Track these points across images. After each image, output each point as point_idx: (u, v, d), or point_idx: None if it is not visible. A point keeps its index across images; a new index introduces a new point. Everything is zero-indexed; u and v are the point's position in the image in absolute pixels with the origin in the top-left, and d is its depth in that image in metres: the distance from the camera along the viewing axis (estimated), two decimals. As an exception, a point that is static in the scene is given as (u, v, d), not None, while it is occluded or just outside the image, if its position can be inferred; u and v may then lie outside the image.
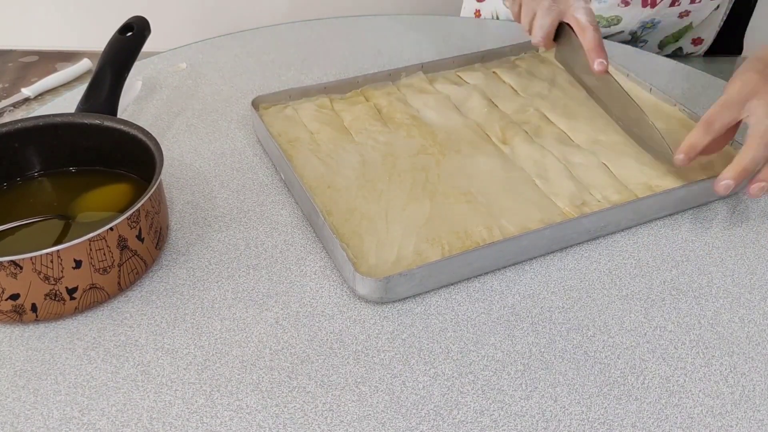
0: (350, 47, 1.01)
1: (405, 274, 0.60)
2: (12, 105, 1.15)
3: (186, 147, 0.81)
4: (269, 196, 0.74)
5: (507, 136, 0.79)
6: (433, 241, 0.65)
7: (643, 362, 0.58)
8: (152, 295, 0.63)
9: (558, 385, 0.56)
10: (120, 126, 0.67)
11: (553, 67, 0.93)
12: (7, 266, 0.55)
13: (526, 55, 0.95)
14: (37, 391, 0.55)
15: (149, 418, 0.53)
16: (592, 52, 0.75)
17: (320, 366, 0.57)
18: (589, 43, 0.76)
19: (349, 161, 0.75)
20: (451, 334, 0.60)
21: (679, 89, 0.93)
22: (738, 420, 0.54)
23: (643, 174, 0.74)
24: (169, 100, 0.89)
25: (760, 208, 0.74)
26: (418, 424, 0.53)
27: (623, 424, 0.53)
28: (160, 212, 0.64)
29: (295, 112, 0.82)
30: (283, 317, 0.61)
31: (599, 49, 0.75)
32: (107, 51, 0.76)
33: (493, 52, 0.94)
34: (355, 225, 0.67)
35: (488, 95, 0.86)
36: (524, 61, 0.94)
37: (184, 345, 0.58)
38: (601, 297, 0.64)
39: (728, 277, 0.66)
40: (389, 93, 0.86)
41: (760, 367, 0.58)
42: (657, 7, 1.06)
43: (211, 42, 1.02)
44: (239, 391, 0.55)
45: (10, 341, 0.59)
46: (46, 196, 0.69)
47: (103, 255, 0.58)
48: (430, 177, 0.73)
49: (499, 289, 0.64)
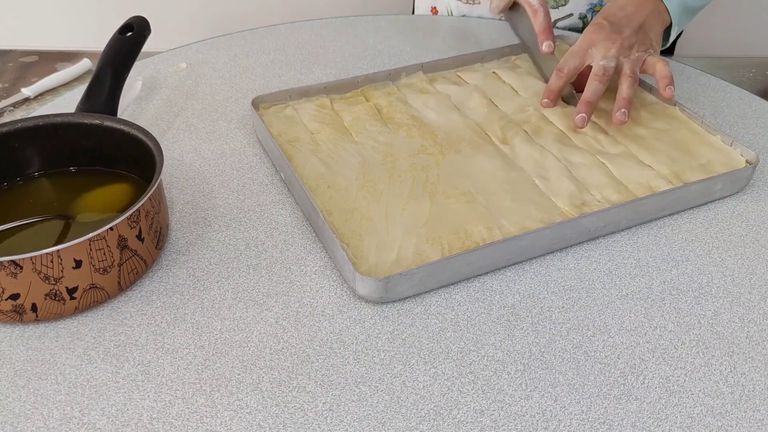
0: (350, 47, 1.01)
1: (405, 274, 0.60)
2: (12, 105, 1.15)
3: (186, 147, 0.81)
4: (269, 196, 0.74)
5: (507, 136, 0.80)
6: (433, 241, 0.65)
7: (643, 362, 0.58)
8: (152, 295, 0.63)
9: (558, 385, 0.56)
10: (120, 126, 0.67)
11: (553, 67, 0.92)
12: (7, 266, 0.55)
13: (526, 54, 0.95)
14: (37, 391, 0.55)
15: (149, 418, 0.53)
16: (542, 35, 0.88)
17: (320, 366, 0.57)
18: (539, 26, 0.88)
19: (349, 161, 0.75)
20: (451, 334, 0.60)
21: (679, 89, 0.93)
22: (738, 420, 0.54)
23: (643, 174, 0.74)
24: (169, 100, 0.89)
25: (760, 208, 0.74)
26: (418, 424, 0.53)
27: (623, 424, 0.53)
28: (160, 212, 0.64)
29: (295, 112, 0.82)
30: (283, 317, 0.61)
31: (548, 32, 0.88)
32: (107, 51, 0.76)
33: (493, 52, 0.94)
34: (355, 225, 0.67)
35: (488, 95, 0.86)
36: (524, 61, 0.94)
37: (184, 345, 0.58)
38: (601, 297, 0.64)
39: (728, 277, 0.66)
40: (389, 93, 0.86)
41: (760, 367, 0.58)
42: None
43: (211, 42, 1.02)
44: (239, 391, 0.55)
45: (10, 341, 0.59)
46: (46, 196, 0.69)
47: (103, 255, 0.58)
48: (430, 177, 0.73)
49: (499, 289, 0.64)
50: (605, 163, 0.75)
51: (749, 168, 0.74)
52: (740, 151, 0.76)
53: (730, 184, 0.74)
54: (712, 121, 0.87)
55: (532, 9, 0.89)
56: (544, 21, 0.88)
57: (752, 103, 0.91)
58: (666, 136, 0.79)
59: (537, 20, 0.88)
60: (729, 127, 0.86)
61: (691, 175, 0.73)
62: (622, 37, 0.82)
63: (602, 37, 0.82)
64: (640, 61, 0.81)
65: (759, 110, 0.90)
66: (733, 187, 0.74)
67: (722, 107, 0.90)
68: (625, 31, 0.82)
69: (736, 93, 0.93)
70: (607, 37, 0.82)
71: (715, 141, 0.78)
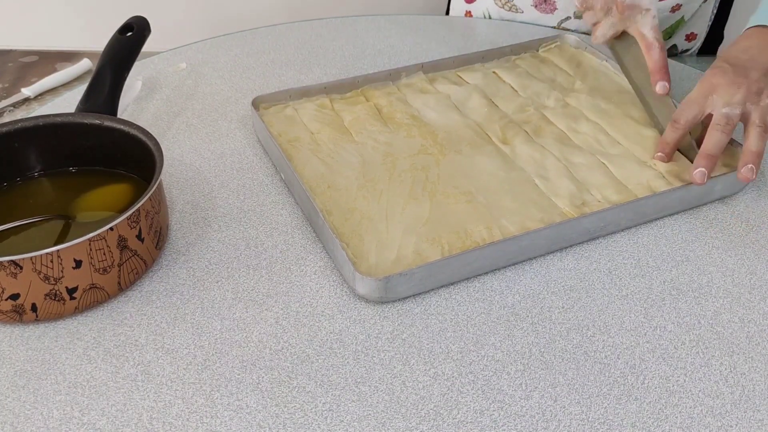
0: (350, 47, 1.01)
1: (405, 273, 0.60)
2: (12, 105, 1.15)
3: (186, 147, 0.81)
4: (269, 196, 0.74)
5: (507, 136, 0.79)
6: (433, 240, 0.65)
7: (643, 362, 0.58)
8: (152, 295, 0.63)
9: (558, 385, 0.56)
10: (120, 126, 0.67)
11: (554, 67, 0.93)
12: (7, 266, 0.55)
13: (527, 54, 0.95)
14: (37, 391, 0.55)
15: (149, 418, 0.53)
16: (656, 74, 0.78)
17: (320, 366, 0.57)
18: (654, 64, 0.78)
19: (350, 161, 0.75)
20: (451, 334, 0.60)
21: (680, 89, 0.93)
22: (738, 420, 0.54)
23: (643, 174, 0.74)
24: (169, 100, 0.89)
25: (760, 208, 0.74)
26: (418, 424, 0.53)
27: (623, 424, 0.53)
28: (160, 212, 0.64)
29: (296, 112, 0.82)
30: (283, 317, 0.61)
31: (663, 71, 0.78)
32: (107, 51, 0.76)
33: (493, 52, 0.94)
34: (355, 225, 0.67)
35: (488, 95, 0.86)
36: (524, 61, 0.94)
37: (184, 345, 0.58)
38: (601, 297, 0.64)
39: (728, 277, 0.66)
40: (389, 93, 0.86)
41: (760, 367, 0.58)
42: None
43: (211, 42, 1.02)
44: (239, 391, 0.55)
45: (10, 341, 0.59)
46: (46, 196, 0.69)
47: (103, 255, 0.58)
48: (430, 177, 0.73)
49: (499, 289, 0.64)
50: (605, 163, 0.75)
51: None
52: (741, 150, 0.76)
53: (730, 185, 0.74)
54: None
55: (645, 43, 0.79)
56: (660, 58, 0.78)
57: (752, 103, 0.91)
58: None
59: (651, 57, 0.79)
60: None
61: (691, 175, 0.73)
62: (749, 80, 0.72)
63: (725, 81, 0.72)
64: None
65: (759, 110, 0.89)
66: (733, 187, 0.74)
67: (722, 107, 0.90)
68: (752, 75, 0.72)
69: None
70: (731, 81, 0.72)
71: None
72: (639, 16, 0.79)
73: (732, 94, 0.71)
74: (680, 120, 0.73)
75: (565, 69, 0.92)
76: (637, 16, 0.79)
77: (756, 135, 0.70)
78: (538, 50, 0.96)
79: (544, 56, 0.95)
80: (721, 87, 0.72)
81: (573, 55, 0.95)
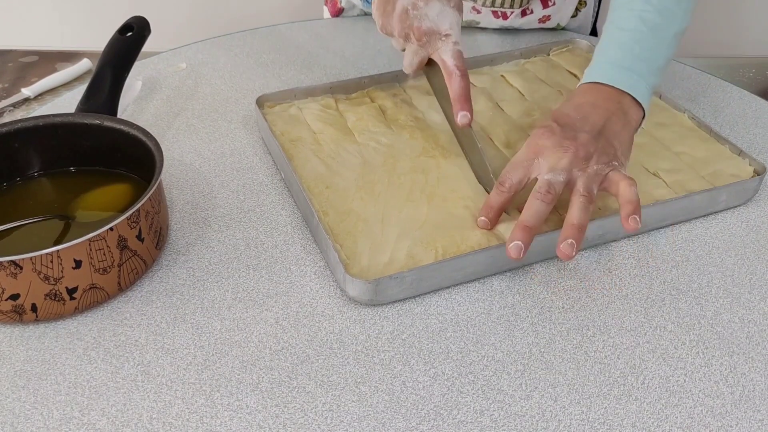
0: (350, 47, 1.01)
1: (395, 277, 0.60)
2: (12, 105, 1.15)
3: (186, 147, 0.81)
4: (269, 196, 0.74)
5: (511, 140, 0.79)
6: (428, 244, 0.65)
7: (643, 362, 0.58)
8: (152, 295, 0.63)
9: (558, 385, 0.56)
10: (120, 126, 0.67)
11: (563, 71, 0.92)
12: (7, 266, 0.55)
13: (537, 58, 0.95)
14: (37, 391, 0.55)
15: (149, 418, 0.53)
16: (457, 104, 0.71)
17: (320, 366, 0.57)
18: (454, 93, 0.72)
19: (350, 162, 0.75)
20: (451, 334, 0.60)
21: (679, 89, 0.93)
22: (738, 420, 0.54)
23: (647, 182, 0.73)
24: (169, 100, 0.89)
25: (760, 208, 0.74)
26: (418, 424, 0.53)
27: (623, 424, 0.53)
28: (160, 212, 0.64)
29: (300, 112, 0.82)
30: (283, 317, 0.61)
31: (464, 99, 0.71)
32: (107, 51, 0.76)
33: (502, 56, 0.93)
34: (351, 226, 0.67)
35: (495, 99, 0.86)
36: (534, 65, 0.93)
37: (184, 345, 0.58)
38: (601, 297, 0.64)
39: (728, 277, 0.66)
40: (395, 94, 0.86)
41: (760, 367, 0.58)
42: (509, 20, 1.03)
43: (211, 42, 1.02)
44: (239, 391, 0.55)
45: (10, 341, 0.59)
46: (46, 196, 0.69)
47: (103, 255, 0.58)
48: (429, 180, 0.73)
49: (499, 289, 0.64)
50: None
51: (756, 179, 0.72)
52: (748, 160, 0.75)
53: (735, 195, 0.72)
54: (712, 122, 0.87)
55: (446, 71, 0.72)
56: (460, 86, 0.71)
57: (752, 103, 0.91)
58: (673, 144, 0.78)
59: (452, 85, 0.72)
60: (729, 128, 0.86)
61: (696, 185, 0.72)
62: (577, 144, 0.65)
63: (551, 144, 0.65)
64: (599, 176, 0.64)
65: (759, 110, 0.90)
66: (738, 198, 0.73)
67: (722, 107, 0.90)
68: (581, 137, 0.65)
69: (736, 93, 0.93)
70: (558, 144, 0.65)
71: (723, 150, 0.77)
72: (439, 42, 0.73)
73: (558, 158, 0.64)
74: (505, 183, 0.65)
75: (575, 73, 0.92)
76: (437, 42, 0.73)
77: (578, 206, 0.62)
78: (549, 54, 0.96)
79: (555, 60, 0.95)
80: (547, 150, 0.65)
81: (584, 59, 0.94)
